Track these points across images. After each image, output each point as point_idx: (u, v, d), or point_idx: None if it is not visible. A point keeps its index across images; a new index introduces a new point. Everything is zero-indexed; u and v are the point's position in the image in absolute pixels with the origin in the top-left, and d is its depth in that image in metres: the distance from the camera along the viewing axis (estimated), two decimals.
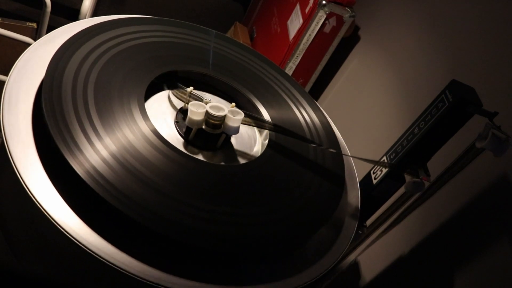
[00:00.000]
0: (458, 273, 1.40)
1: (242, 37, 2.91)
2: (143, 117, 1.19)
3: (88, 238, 0.97)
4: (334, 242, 1.26)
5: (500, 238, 1.30)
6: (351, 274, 1.84)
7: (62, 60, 1.20)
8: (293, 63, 2.45)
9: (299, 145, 1.37)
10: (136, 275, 0.96)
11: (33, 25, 2.31)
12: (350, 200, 1.41)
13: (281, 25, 2.63)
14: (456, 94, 1.22)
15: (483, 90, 1.32)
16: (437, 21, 1.89)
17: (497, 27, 1.58)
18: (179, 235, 1.01)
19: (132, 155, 1.09)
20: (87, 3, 2.10)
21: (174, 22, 1.55)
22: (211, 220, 1.06)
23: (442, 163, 1.41)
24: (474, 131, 1.26)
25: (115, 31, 1.37)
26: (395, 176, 1.37)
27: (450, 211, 1.50)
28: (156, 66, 1.35)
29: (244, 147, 1.36)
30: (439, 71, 1.79)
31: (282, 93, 1.56)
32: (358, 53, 2.45)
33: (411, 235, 1.62)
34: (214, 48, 1.54)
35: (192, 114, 1.22)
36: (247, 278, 1.09)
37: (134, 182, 1.04)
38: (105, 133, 1.10)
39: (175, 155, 1.15)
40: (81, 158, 1.02)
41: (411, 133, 1.33)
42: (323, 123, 1.52)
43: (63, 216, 0.97)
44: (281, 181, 1.26)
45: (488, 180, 1.40)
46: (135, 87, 1.25)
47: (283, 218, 1.16)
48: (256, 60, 1.62)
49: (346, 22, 2.35)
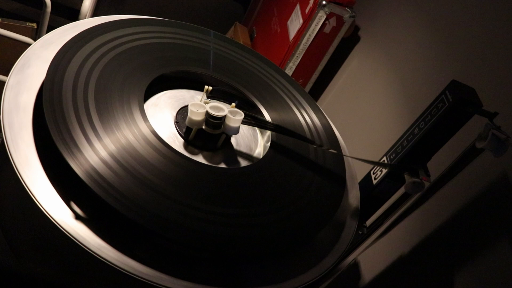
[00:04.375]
0: (458, 273, 1.40)
1: (242, 37, 2.91)
2: (143, 118, 1.19)
3: (87, 238, 0.97)
4: (334, 242, 1.26)
5: (500, 238, 1.30)
6: (351, 274, 1.84)
7: (63, 61, 1.20)
8: (293, 63, 2.45)
9: (299, 146, 1.37)
10: (136, 274, 0.96)
11: (33, 25, 2.32)
12: (350, 200, 1.41)
13: (281, 25, 2.63)
14: (456, 95, 1.22)
15: (483, 90, 1.33)
16: (437, 21, 1.89)
17: (497, 28, 1.58)
18: (179, 235, 1.01)
19: (131, 155, 1.09)
20: (87, 3, 2.10)
21: (174, 23, 1.55)
22: (210, 221, 1.06)
23: (442, 163, 1.41)
24: (474, 131, 1.27)
25: (116, 32, 1.37)
26: (395, 176, 1.37)
27: (450, 211, 1.50)
28: (156, 67, 1.35)
29: (245, 148, 1.36)
30: (439, 71, 1.79)
31: (282, 93, 1.56)
32: (358, 53, 2.45)
33: (411, 235, 1.62)
34: (214, 49, 1.54)
35: (192, 114, 1.22)
36: (247, 279, 1.09)
37: (133, 182, 1.04)
38: (105, 133, 1.10)
39: (175, 156, 1.15)
40: (80, 158, 1.02)
41: (411, 134, 1.33)
42: (323, 123, 1.52)
43: (62, 216, 0.97)
44: (282, 182, 1.26)
45: (488, 180, 1.40)
46: (135, 88, 1.25)
47: (283, 219, 1.16)
48: (256, 60, 1.62)
49: (346, 23, 2.35)
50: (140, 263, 0.98)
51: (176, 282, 0.99)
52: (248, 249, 1.07)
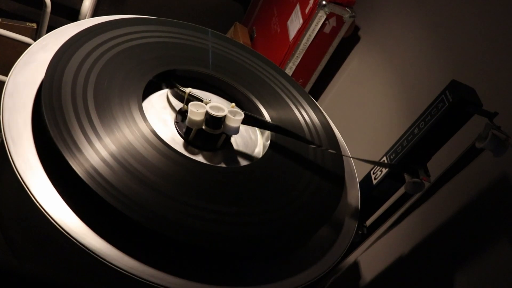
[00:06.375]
0: (458, 273, 1.40)
1: (242, 37, 2.91)
2: (143, 118, 1.19)
3: (87, 238, 0.97)
4: (334, 242, 1.26)
5: (500, 238, 1.30)
6: (351, 274, 1.84)
7: (62, 61, 1.20)
8: (293, 63, 2.45)
9: (299, 145, 1.37)
10: (136, 274, 0.96)
11: (33, 25, 2.32)
12: (350, 200, 1.41)
13: (281, 25, 2.63)
14: (456, 94, 1.22)
15: (483, 90, 1.32)
16: (437, 21, 1.89)
17: (497, 28, 1.58)
18: (179, 235, 1.01)
19: (131, 155, 1.09)
20: (87, 3, 2.10)
21: (173, 22, 1.55)
22: (210, 220, 1.06)
23: (442, 163, 1.41)
24: (474, 131, 1.26)
25: (115, 31, 1.37)
26: (395, 176, 1.37)
27: (450, 211, 1.50)
28: (156, 66, 1.35)
29: (245, 148, 1.36)
30: (439, 71, 1.79)
31: (282, 93, 1.56)
32: (358, 53, 2.45)
33: (411, 235, 1.62)
34: (213, 48, 1.54)
35: (192, 114, 1.22)
36: (247, 278, 1.09)
37: (134, 182, 1.04)
38: (105, 133, 1.10)
39: (175, 155, 1.15)
40: (80, 158, 1.02)
41: (411, 133, 1.33)
42: (323, 123, 1.52)
43: (63, 216, 0.97)
44: (281, 181, 1.26)
45: (488, 180, 1.40)
46: (134, 87, 1.25)
47: (283, 218, 1.16)
48: (256, 60, 1.62)
49: (346, 23, 2.35)
50: (141, 263, 0.98)
51: (177, 282, 0.99)
52: (247, 248, 1.07)
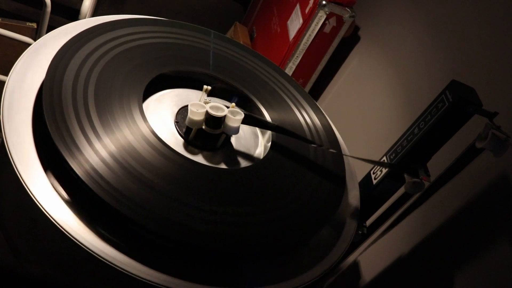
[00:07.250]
0: (458, 273, 1.40)
1: (242, 37, 2.91)
2: (143, 118, 1.19)
3: (87, 238, 0.97)
4: (334, 242, 1.26)
5: (500, 238, 1.30)
6: (351, 274, 1.84)
7: (63, 61, 1.20)
8: (293, 63, 2.45)
9: (299, 145, 1.37)
10: (136, 274, 0.96)
11: (33, 25, 2.31)
12: (350, 200, 1.41)
13: (281, 25, 2.63)
14: (456, 94, 1.22)
15: (483, 90, 1.32)
16: (437, 21, 1.89)
17: (497, 27, 1.58)
18: (179, 235, 1.01)
19: (131, 155, 1.09)
20: (87, 3, 2.10)
21: (174, 23, 1.55)
22: (210, 220, 1.06)
23: (442, 163, 1.41)
24: (474, 131, 1.26)
25: (116, 32, 1.37)
26: (395, 176, 1.37)
27: (450, 211, 1.50)
28: (156, 66, 1.35)
29: (245, 148, 1.36)
30: (439, 71, 1.79)
31: (282, 93, 1.56)
32: (358, 53, 2.45)
33: (411, 235, 1.62)
34: (214, 49, 1.54)
35: (192, 114, 1.22)
36: (246, 278, 1.09)
37: (133, 182, 1.04)
38: (105, 133, 1.10)
39: (174, 156, 1.15)
40: (80, 158, 1.02)
41: (411, 133, 1.33)
42: (323, 123, 1.53)
43: (63, 216, 0.97)
44: (282, 181, 1.26)
45: (488, 180, 1.40)
46: (135, 88, 1.25)
47: (283, 218, 1.16)
48: (256, 60, 1.62)
49: (346, 22, 2.35)
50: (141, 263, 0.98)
51: (177, 282, 0.99)
52: (247, 249, 1.07)
